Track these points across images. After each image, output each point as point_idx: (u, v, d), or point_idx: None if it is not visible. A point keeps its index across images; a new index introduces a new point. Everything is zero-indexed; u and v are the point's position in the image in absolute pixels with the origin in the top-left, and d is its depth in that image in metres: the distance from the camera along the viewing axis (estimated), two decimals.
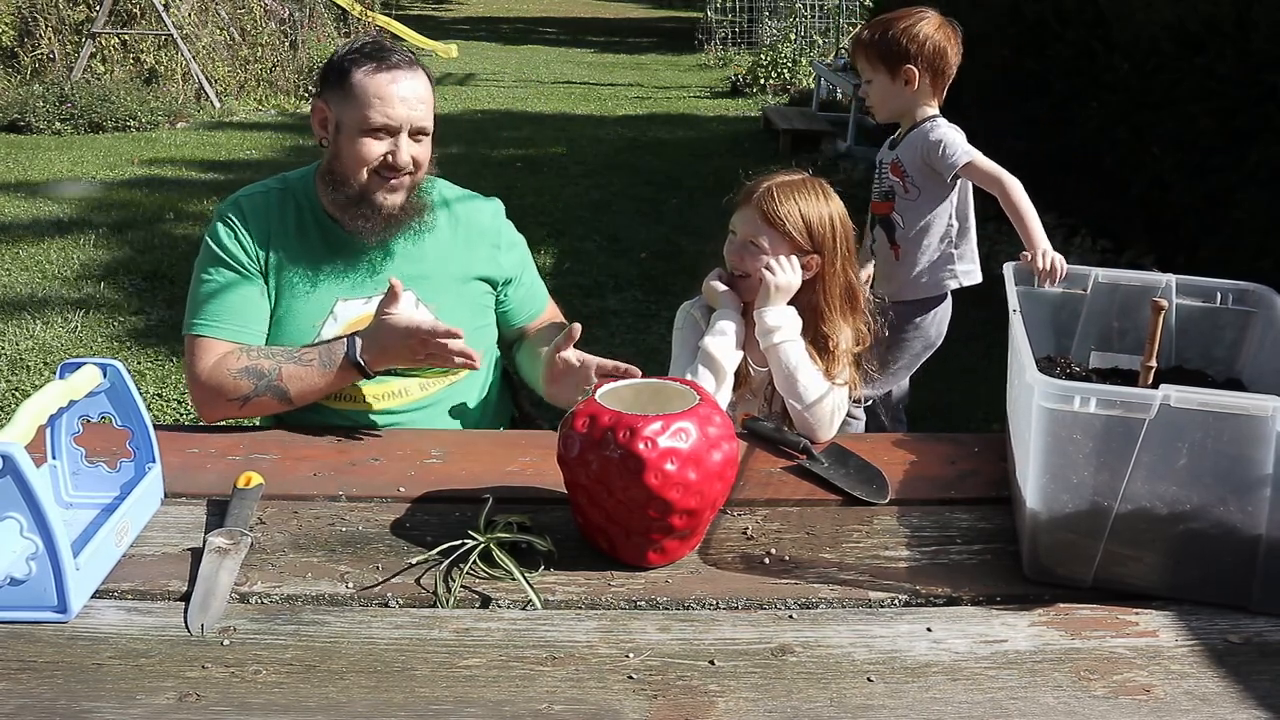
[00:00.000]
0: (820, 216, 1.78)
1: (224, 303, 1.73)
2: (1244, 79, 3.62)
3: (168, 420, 3.47)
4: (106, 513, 1.38)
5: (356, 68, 1.70)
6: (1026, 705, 1.08)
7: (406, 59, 1.74)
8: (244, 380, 1.66)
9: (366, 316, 1.76)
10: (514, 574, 1.28)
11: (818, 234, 1.78)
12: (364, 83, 1.69)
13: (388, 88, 1.69)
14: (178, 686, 1.08)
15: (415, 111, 1.71)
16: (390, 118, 1.69)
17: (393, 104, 1.69)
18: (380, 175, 1.73)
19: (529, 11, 22.22)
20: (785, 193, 1.77)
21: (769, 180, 1.80)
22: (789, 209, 1.76)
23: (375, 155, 1.71)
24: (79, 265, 5.01)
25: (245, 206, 1.79)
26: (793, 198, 1.76)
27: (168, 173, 6.96)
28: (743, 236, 1.78)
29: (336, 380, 1.67)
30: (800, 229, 1.76)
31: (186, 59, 9.21)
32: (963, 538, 1.41)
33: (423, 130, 1.74)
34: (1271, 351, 1.56)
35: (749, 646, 1.17)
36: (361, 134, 1.70)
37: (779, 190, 1.77)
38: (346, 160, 1.72)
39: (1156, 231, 4.32)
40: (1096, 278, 1.73)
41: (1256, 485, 1.19)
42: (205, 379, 1.70)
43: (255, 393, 1.66)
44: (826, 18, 11.75)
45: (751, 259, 1.77)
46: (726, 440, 1.30)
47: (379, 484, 1.52)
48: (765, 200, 1.76)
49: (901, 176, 2.42)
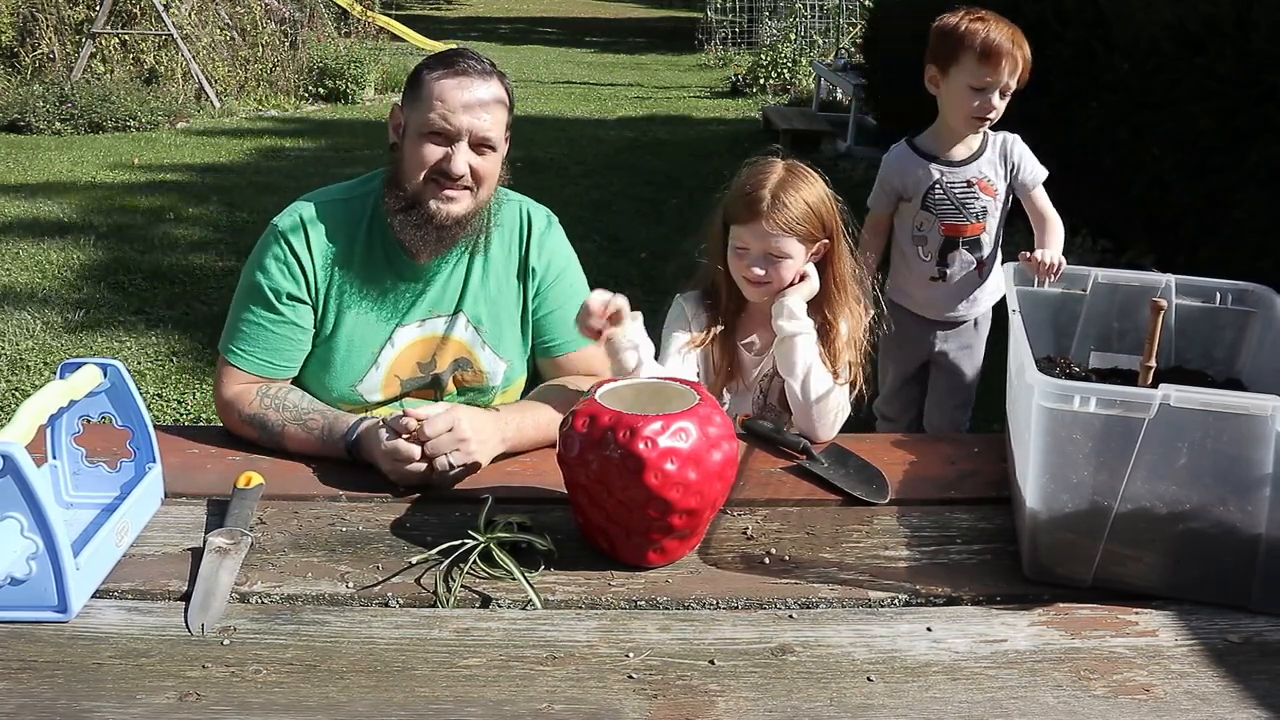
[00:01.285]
0: (821, 200, 1.76)
1: (258, 337, 1.71)
2: (1244, 79, 3.62)
3: (168, 420, 3.47)
4: (107, 513, 1.38)
5: (430, 71, 1.66)
6: (1026, 705, 1.08)
7: (481, 68, 1.67)
8: (249, 427, 1.65)
9: (421, 340, 1.74)
10: (514, 573, 1.28)
11: (826, 219, 1.77)
12: (431, 85, 1.64)
13: (451, 92, 1.63)
14: (178, 686, 1.08)
15: (478, 120, 1.64)
16: (449, 122, 1.63)
17: (453, 108, 1.62)
18: (435, 181, 1.66)
19: (529, 11, 22.22)
20: (789, 194, 1.74)
21: (763, 186, 1.74)
22: (798, 208, 1.73)
23: (431, 159, 1.65)
24: (79, 265, 5.01)
25: (309, 226, 1.72)
26: (795, 194, 1.74)
27: (168, 173, 6.96)
28: (758, 251, 1.75)
29: (329, 452, 1.60)
30: (813, 222, 1.75)
31: (186, 59, 9.21)
32: (963, 537, 1.41)
33: (485, 141, 1.66)
34: (1271, 351, 1.56)
35: (749, 646, 1.17)
36: (421, 136, 1.65)
37: (783, 194, 1.73)
38: (407, 163, 1.67)
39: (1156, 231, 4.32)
40: (1096, 278, 1.74)
41: (1256, 485, 1.20)
42: (222, 405, 1.71)
43: (258, 439, 1.65)
44: (826, 18, 11.75)
45: (774, 269, 1.75)
46: (726, 440, 1.30)
47: (379, 484, 1.52)
48: (775, 211, 1.72)
49: (994, 194, 2.34)
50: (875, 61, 7.60)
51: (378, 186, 1.75)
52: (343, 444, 1.58)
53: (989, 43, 2.16)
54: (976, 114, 2.23)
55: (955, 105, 2.25)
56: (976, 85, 2.19)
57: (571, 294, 1.83)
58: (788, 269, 1.75)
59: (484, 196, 1.71)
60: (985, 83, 2.19)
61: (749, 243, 1.75)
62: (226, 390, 1.71)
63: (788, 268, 1.75)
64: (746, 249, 1.76)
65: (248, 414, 1.66)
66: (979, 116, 2.23)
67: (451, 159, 1.64)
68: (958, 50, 2.19)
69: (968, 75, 2.19)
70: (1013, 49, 2.17)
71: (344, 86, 10.18)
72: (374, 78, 10.50)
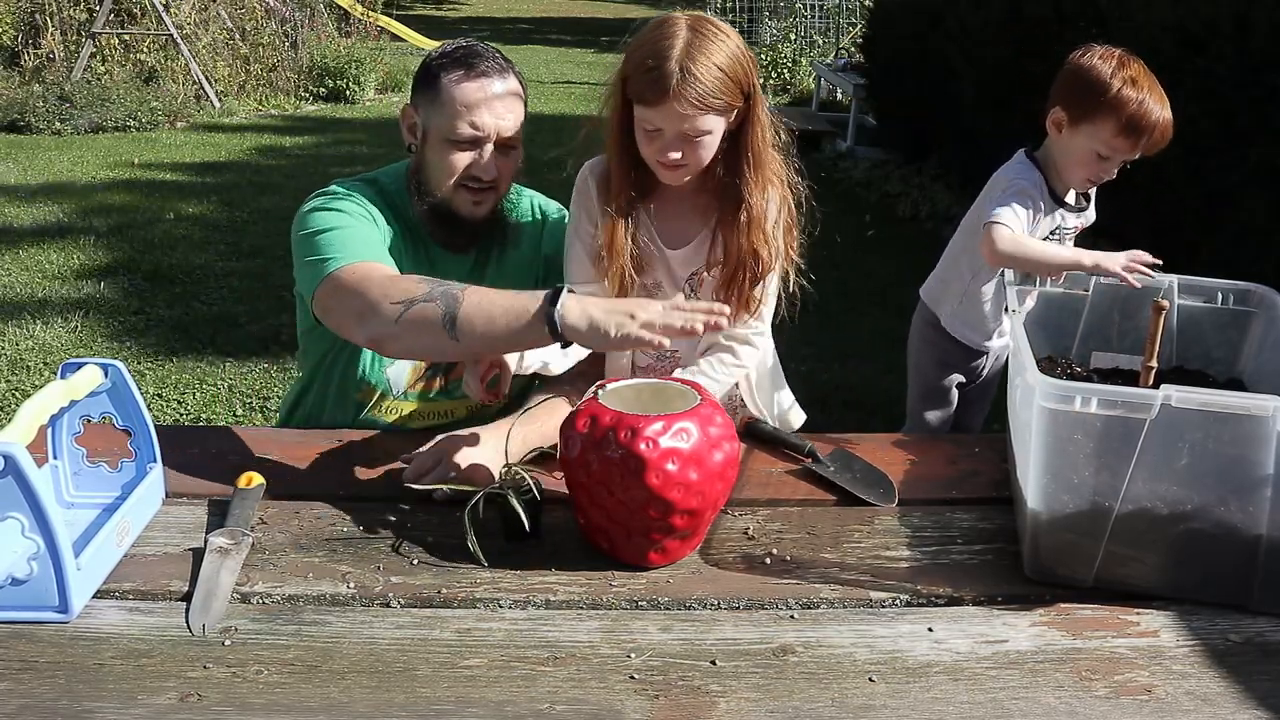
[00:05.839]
0: (735, 62, 1.53)
1: (368, 241, 1.59)
2: (1244, 79, 3.62)
3: (168, 420, 3.47)
4: (108, 513, 1.38)
5: (446, 73, 1.64)
6: (1028, 705, 1.08)
7: (497, 66, 1.66)
8: (419, 284, 1.45)
9: None
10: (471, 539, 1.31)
11: (743, 83, 1.56)
12: (452, 90, 1.62)
13: (474, 96, 1.62)
14: (179, 686, 1.08)
15: (503, 121, 1.64)
16: (477, 128, 1.62)
17: (479, 114, 1.62)
18: (466, 188, 1.66)
19: (529, 11, 22.21)
20: (698, 64, 1.49)
21: (667, 57, 1.49)
22: (711, 78, 1.50)
23: (460, 166, 1.64)
24: (79, 265, 5.01)
25: (358, 190, 1.69)
26: (707, 61, 1.50)
27: (168, 173, 6.95)
28: (672, 132, 1.54)
29: (516, 325, 1.37)
30: (730, 91, 1.53)
31: (186, 59, 9.20)
32: (964, 538, 1.41)
33: (509, 142, 1.67)
34: (1272, 352, 1.56)
35: (750, 646, 1.17)
36: (447, 144, 1.64)
37: (692, 65, 1.49)
38: (433, 170, 1.67)
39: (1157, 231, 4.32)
40: (1098, 278, 1.74)
41: (1257, 485, 1.20)
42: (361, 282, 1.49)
43: (426, 296, 1.42)
44: (826, 18, 11.74)
45: (691, 150, 1.56)
46: (728, 440, 1.30)
47: (380, 484, 1.52)
48: (686, 87, 1.49)
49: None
50: (875, 61, 7.61)
51: (402, 177, 1.75)
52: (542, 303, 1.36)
53: (1138, 119, 1.86)
54: (1091, 178, 1.98)
55: (1074, 163, 1.97)
56: (1105, 154, 1.91)
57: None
58: (707, 148, 1.57)
59: (505, 190, 1.74)
60: (1117, 155, 1.92)
61: (660, 124, 1.54)
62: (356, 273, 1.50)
63: (707, 146, 1.56)
64: (658, 131, 1.54)
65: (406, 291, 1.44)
66: (1093, 180, 1.99)
67: (481, 164, 1.65)
68: (1100, 111, 1.88)
69: (1101, 143, 1.90)
70: (1163, 129, 1.88)
71: (344, 86, 10.17)
72: (374, 78, 10.49)
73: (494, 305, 1.40)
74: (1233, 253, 3.67)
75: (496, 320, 1.39)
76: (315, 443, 1.65)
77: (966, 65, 5.61)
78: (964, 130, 5.64)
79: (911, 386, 2.34)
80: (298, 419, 1.83)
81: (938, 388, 2.28)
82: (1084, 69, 1.92)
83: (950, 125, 5.96)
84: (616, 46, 1.67)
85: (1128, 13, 4.33)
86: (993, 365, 2.29)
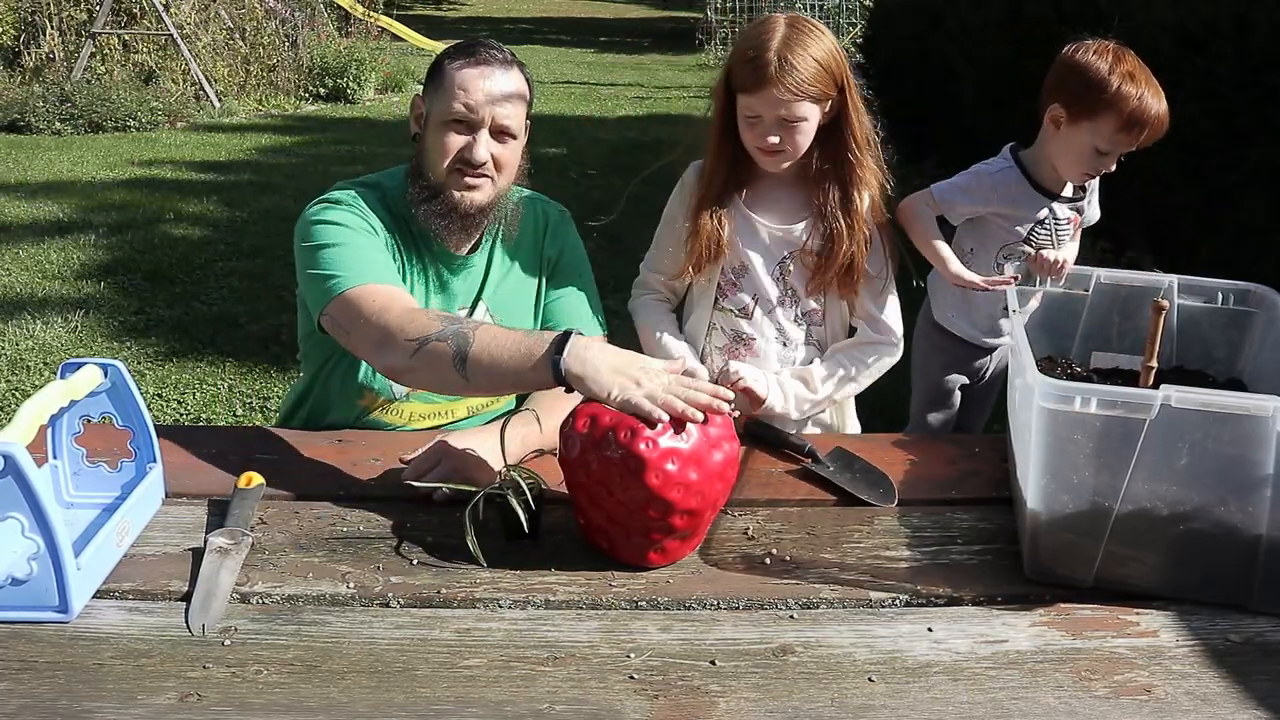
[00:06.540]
0: (830, 55, 1.67)
1: (373, 259, 1.62)
2: (1244, 79, 3.62)
3: (168, 420, 3.46)
4: (107, 513, 1.38)
5: (451, 61, 1.67)
6: (1028, 705, 1.08)
7: (502, 58, 1.68)
8: (433, 321, 1.48)
9: None
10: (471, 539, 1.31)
11: (837, 74, 1.69)
12: (452, 75, 1.65)
13: (473, 80, 1.64)
14: (179, 686, 1.08)
15: (500, 108, 1.65)
16: (470, 108, 1.64)
17: (475, 96, 1.64)
18: (458, 170, 1.67)
19: (529, 11, 22.21)
20: (796, 54, 1.63)
21: (767, 48, 1.64)
22: (808, 68, 1.63)
23: (454, 147, 1.66)
24: (79, 265, 5.01)
25: (357, 196, 1.70)
26: (803, 53, 1.63)
27: (168, 173, 6.95)
28: (771, 118, 1.67)
29: (522, 368, 1.40)
30: (825, 81, 1.66)
31: (186, 59, 9.20)
32: (963, 538, 1.41)
33: (506, 130, 1.67)
34: (1272, 352, 1.56)
35: (750, 646, 1.17)
36: (443, 125, 1.66)
37: (790, 55, 1.63)
38: (430, 152, 1.68)
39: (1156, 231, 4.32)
40: (1099, 278, 1.74)
41: (1257, 485, 1.20)
42: (379, 314, 1.51)
43: (439, 335, 1.45)
44: (826, 18, 11.74)
45: (789, 136, 1.69)
46: (727, 440, 1.30)
47: (379, 484, 1.52)
48: (784, 75, 1.62)
49: (1078, 225, 2.15)
50: (875, 61, 7.60)
51: (402, 180, 1.75)
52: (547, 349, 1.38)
53: (1138, 114, 1.87)
54: (1090, 172, 2.00)
55: (1072, 159, 1.97)
56: (1105, 149, 1.93)
57: (579, 285, 1.86)
58: (804, 134, 1.69)
59: (504, 184, 1.73)
60: (1117, 150, 1.94)
61: (760, 111, 1.67)
62: (374, 303, 1.52)
63: (804, 133, 1.69)
64: (758, 118, 1.68)
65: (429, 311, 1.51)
66: (1091, 174, 2.01)
67: (474, 147, 1.65)
68: (1099, 108, 1.89)
69: (1101, 138, 1.91)
70: (1160, 122, 1.89)
71: (344, 86, 10.18)
72: (374, 78, 10.50)
73: (502, 348, 1.42)
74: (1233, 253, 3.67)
75: (503, 363, 1.42)
76: (315, 443, 1.65)
77: (966, 65, 5.62)
78: (964, 130, 5.64)
79: (916, 389, 2.34)
80: (298, 421, 1.83)
81: (942, 390, 2.29)
82: (1081, 66, 1.92)
83: (950, 125, 5.96)
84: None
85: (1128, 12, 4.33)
86: (996, 366, 2.29)
